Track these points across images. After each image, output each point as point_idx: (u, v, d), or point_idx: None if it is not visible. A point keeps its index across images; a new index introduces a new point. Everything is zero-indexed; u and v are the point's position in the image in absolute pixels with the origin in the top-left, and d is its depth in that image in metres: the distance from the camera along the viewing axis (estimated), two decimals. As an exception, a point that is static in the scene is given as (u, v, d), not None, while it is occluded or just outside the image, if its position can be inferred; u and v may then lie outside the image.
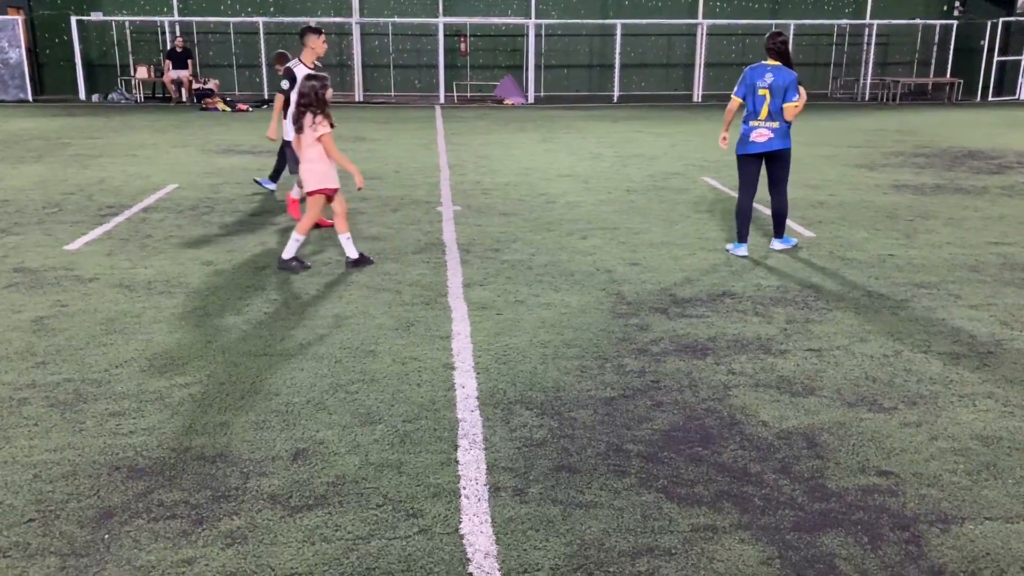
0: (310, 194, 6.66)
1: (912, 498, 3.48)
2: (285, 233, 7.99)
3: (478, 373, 4.73)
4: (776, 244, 7.55)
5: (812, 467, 3.73)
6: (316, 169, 6.58)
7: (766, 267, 6.94)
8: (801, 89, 7.05)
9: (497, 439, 3.96)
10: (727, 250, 7.43)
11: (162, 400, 4.37)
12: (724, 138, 7.41)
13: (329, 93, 6.64)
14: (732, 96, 7.23)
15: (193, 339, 5.24)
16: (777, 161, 7.20)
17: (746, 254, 7.31)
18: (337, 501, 3.43)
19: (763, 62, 7.12)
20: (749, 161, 7.18)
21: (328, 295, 6.12)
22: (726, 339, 5.30)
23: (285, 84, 8.38)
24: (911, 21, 26.07)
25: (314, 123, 6.52)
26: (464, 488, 3.52)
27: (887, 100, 24.39)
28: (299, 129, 6.59)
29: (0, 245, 7.53)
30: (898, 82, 24.36)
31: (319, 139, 6.54)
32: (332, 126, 6.64)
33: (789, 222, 8.53)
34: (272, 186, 9.86)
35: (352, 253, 6.85)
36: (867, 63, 25.44)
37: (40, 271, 6.72)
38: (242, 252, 7.33)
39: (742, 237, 7.33)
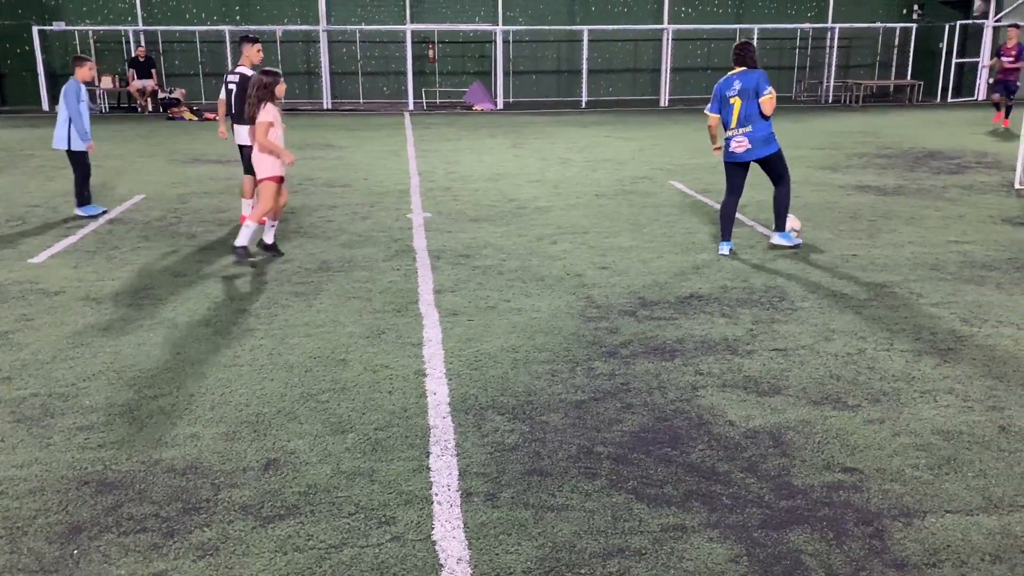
0: (261, 181, 7.15)
1: (876, 493, 3.56)
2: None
3: (449, 379, 4.76)
4: (776, 239, 7.73)
5: (778, 465, 3.80)
6: (266, 158, 7.07)
7: (732, 269, 7.04)
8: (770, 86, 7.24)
9: (469, 445, 3.98)
10: (778, 244, 7.71)
11: (131, 413, 4.34)
12: (717, 148, 7.65)
13: (280, 88, 7.12)
14: (708, 114, 7.49)
15: (162, 351, 5.21)
16: (767, 165, 7.45)
17: (727, 253, 7.49)
18: (309, 510, 3.43)
19: (729, 73, 7.33)
20: (732, 168, 7.46)
21: (298, 304, 6.11)
22: (693, 341, 5.37)
23: (228, 88, 8.60)
24: (872, 25, 26.51)
25: (261, 111, 7.00)
26: (436, 494, 3.55)
27: (850, 102, 24.78)
28: (253, 121, 7.07)
29: (-38, 259, 7.43)
30: (860, 84, 24.75)
31: (258, 126, 6.99)
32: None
33: (754, 224, 8.66)
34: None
35: (268, 239, 7.46)
36: (830, 66, 25.82)
37: (4, 285, 6.64)
38: (210, 262, 7.29)
39: (725, 236, 7.55)
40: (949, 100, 25.15)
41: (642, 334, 5.49)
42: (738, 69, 7.29)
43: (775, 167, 7.46)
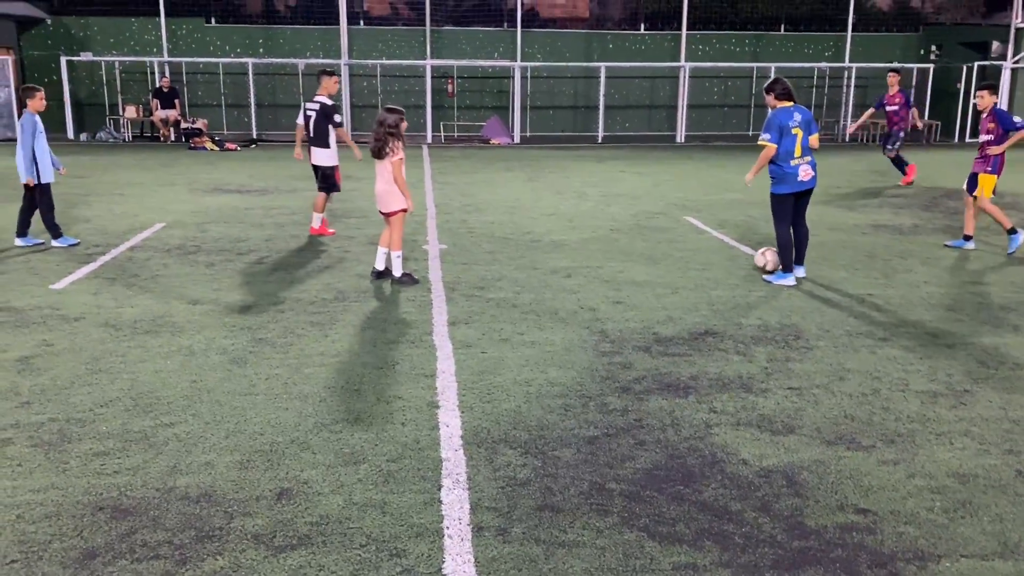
0: (394, 213, 7.53)
1: (890, 536, 3.53)
2: (274, 272, 8.03)
3: (462, 412, 4.77)
4: (800, 272, 7.91)
5: (791, 505, 3.78)
6: (397, 193, 7.49)
7: (747, 306, 7.04)
8: None
9: (481, 478, 3.99)
10: (769, 281, 7.82)
11: (147, 439, 4.38)
12: (750, 179, 7.82)
13: (404, 125, 7.57)
14: (766, 143, 7.53)
15: (178, 378, 5.25)
16: (808, 195, 7.80)
17: (795, 282, 7.76)
18: (321, 541, 3.44)
19: (783, 105, 7.60)
20: (793, 197, 7.67)
21: (314, 333, 6.16)
22: (708, 378, 5.37)
23: (337, 118, 9.95)
24: (889, 65, 26.62)
25: (392, 150, 7.39)
26: (447, 528, 3.55)
27: (867, 141, 24.82)
28: (379, 155, 7.44)
29: (-15, 284, 7.54)
30: (877, 124, 24.80)
31: (394, 164, 7.38)
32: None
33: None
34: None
35: (380, 266, 7.76)
36: (847, 105, 25.92)
37: (26, 310, 6.73)
38: (228, 291, 7.36)
39: (789, 268, 7.81)
40: (967, 140, 25.15)
41: (656, 370, 5.49)
42: (789, 103, 7.63)
43: (808, 199, 7.83)
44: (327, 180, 9.94)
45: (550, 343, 6.01)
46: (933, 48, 27.46)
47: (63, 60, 22.95)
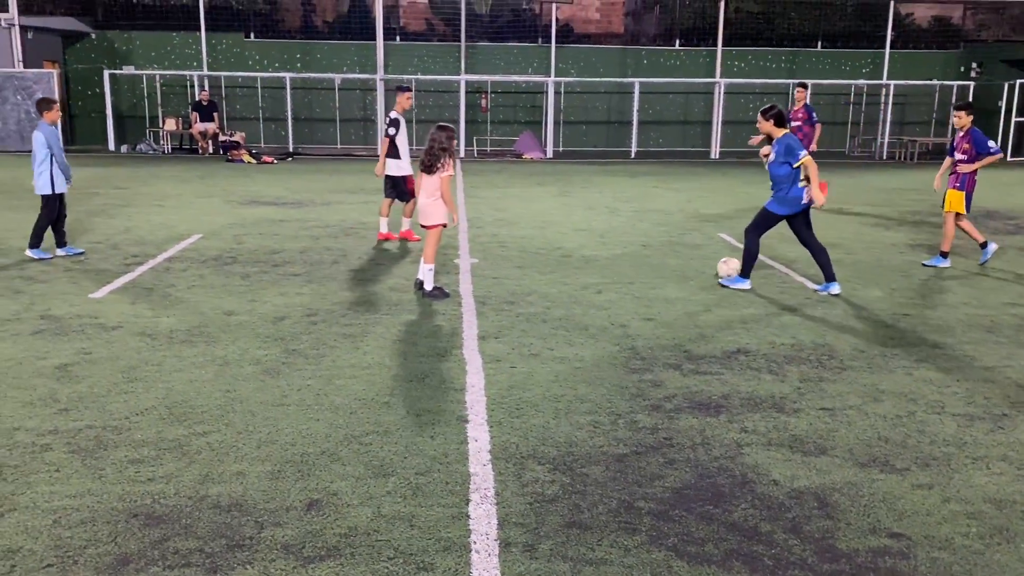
0: (433, 227, 7.66)
1: (923, 561, 3.47)
2: (307, 284, 8.12)
3: (491, 427, 4.78)
4: (835, 288, 8.06)
5: (823, 527, 3.73)
6: (441, 207, 7.62)
7: (780, 325, 6.98)
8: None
9: (509, 493, 3.99)
10: (818, 290, 8.11)
11: (180, 448, 4.44)
12: (821, 200, 8.04)
13: (455, 143, 7.80)
14: (806, 159, 7.73)
15: (212, 388, 5.32)
16: (807, 213, 8.07)
17: (839, 291, 8.04)
18: (349, 552, 3.46)
19: (783, 132, 7.95)
20: (781, 219, 8.06)
21: (346, 345, 6.21)
22: (739, 397, 5.32)
23: (392, 131, 10.44)
24: (928, 82, 26.33)
25: (443, 165, 7.52)
26: (475, 543, 3.55)
27: (905, 159, 24.52)
28: (430, 170, 7.55)
29: (28, 292, 7.71)
30: (916, 141, 24.52)
31: (442, 179, 7.53)
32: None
33: (803, 280, 8.59)
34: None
35: (428, 284, 7.75)
36: (885, 122, 25.64)
37: (65, 319, 6.87)
38: (262, 302, 7.45)
39: (747, 274, 8.19)
40: (1008, 159, 24.75)
41: (687, 388, 5.46)
42: (786, 130, 8.00)
43: (809, 216, 8.11)
44: (397, 188, 10.62)
45: (580, 359, 6.01)
46: (974, 65, 27.09)
47: (106, 74, 23.46)
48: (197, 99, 23.40)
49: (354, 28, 26.78)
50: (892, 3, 25.52)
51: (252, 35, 26.18)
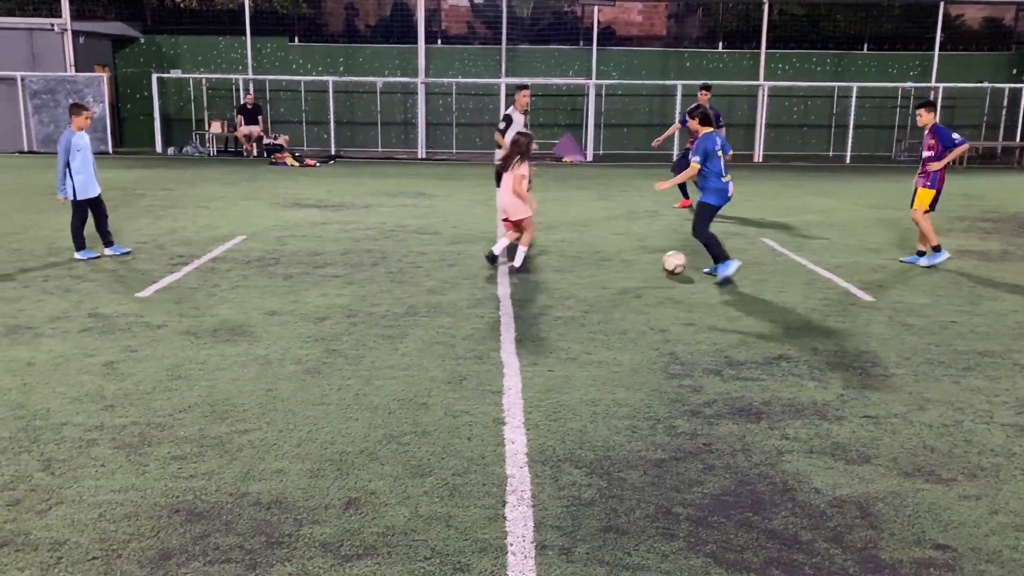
0: (522, 220, 8.73)
1: (970, 574, 3.39)
2: (348, 285, 8.20)
3: (528, 429, 4.77)
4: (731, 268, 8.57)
5: (865, 537, 3.66)
6: (520, 203, 8.73)
7: (823, 330, 6.87)
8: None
9: (545, 496, 3.98)
10: (714, 271, 8.55)
11: (222, 445, 4.50)
12: (664, 187, 8.97)
13: (533, 146, 8.91)
14: (697, 164, 8.55)
15: (254, 386, 5.40)
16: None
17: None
18: (386, 552, 3.48)
19: (705, 131, 8.62)
20: (717, 209, 8.76)
21: (385, 346, 6.25)
22: (780, 403, 5.25)
23: (502, 125, 10.71)
24: (978, 84, 25.76)
25: (515, 165, 8.66)
26: (511, 544, 3.55)
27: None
28: (507, 168, 8.71)
29: (77, 291, 7.89)
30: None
31: (514, 176, 8.59)
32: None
33: (848, 286, 8.46)
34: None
35: (517, 262, 8.72)
36: (932, 126, 25.10)
37: (113, 317, 7.01)
38: (304, 302, 7.54)
39: (728, 256, 8.59)
40: (1060, 163, 24.12)
41: (727, 394, 5.40)
42: (710, 129, 8.66)
43: None
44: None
45: (618, 363, 5.98)
46: (1026, 67, 26.45)
47: (154, 77, 23.94)
48: (242, 102, 23.77)
49: (396, 32, 27.01)
50: (942, 4, 25.02)
51: (296, 39, 26.54)
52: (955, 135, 9.47)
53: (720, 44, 27.50)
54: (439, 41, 27.02)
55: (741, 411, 5.11)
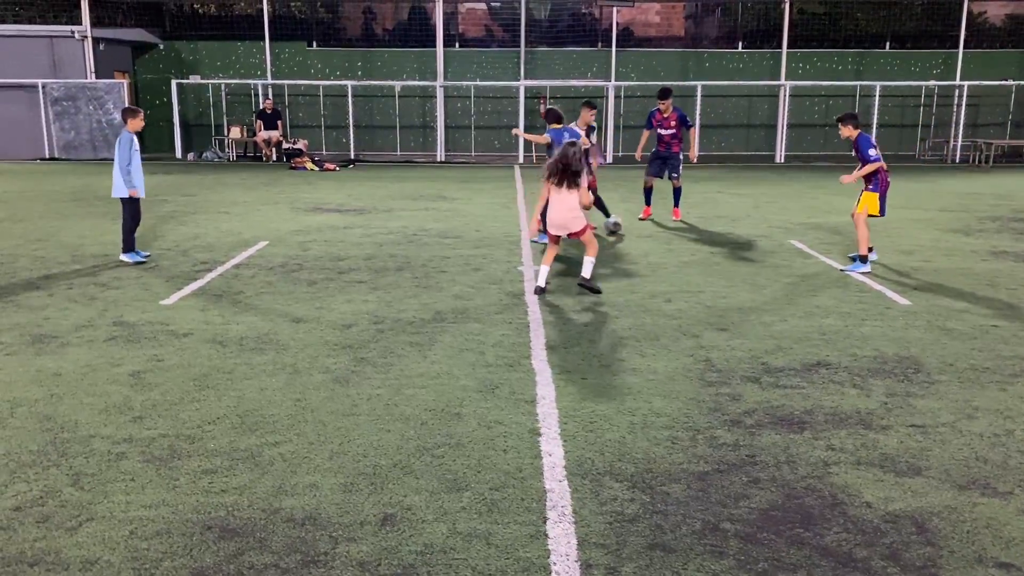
0: (582, 231, 7.94)
1: (1038, 595, 3.23)
2: (373, 291, 8.10)
3: (564, 441, 4.65)
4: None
5: (924, 555, 3.50)
6: (579, 213, 7.96)
7: (861, 336, 6.70)
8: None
9: (587, 512, 3.85)
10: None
11: (253, 458, 4.41)
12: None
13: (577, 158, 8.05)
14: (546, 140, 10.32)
15: (283, 397, 5.30)
16: None
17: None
18: (426, 571, 3.36)
19: (554, 127, 10.46)
20: None
21: (413, 354, 6.15)
22: (823, 412, 5.10)
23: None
24: (1004, 82, 25.40)
25: (573, 179, 7.88)
26: (555, 563, 3.42)
27: (979, 162, 23.67)
28: (559, 183, 7.86)
29: (102, 299, 7.84)
30: (991, 144, 23.65)
31: (580, 190, 7.91)
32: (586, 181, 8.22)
33: (882, 288, 8.27)
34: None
35: (587, 273, 8.02)
36: (957, 124, 24.80)
37: (138, 325, 6.95)
38: (329, 309, 7.45)
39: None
40: (1089, 161, 23.73)
41: (767, 403, 5.25)
42: (559, 125, 10.39)
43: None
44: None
45: (652, 371, 5.84)
46: (1052, 64, 26.05)
47: (174, 83, 24.00)
48: (261, 107, 23.80)
49: (414, 35, 26.97)
50: (966, 2, 24.68)
51: (314, 43, 26.56)
52: (871, 151, 9.03)
53: (740, 44, 27.28)
54: (457, 44, 26.96)
55: (783, 420, 4.96)
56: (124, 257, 9.49)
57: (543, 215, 8.43)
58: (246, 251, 10.18)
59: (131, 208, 9.45)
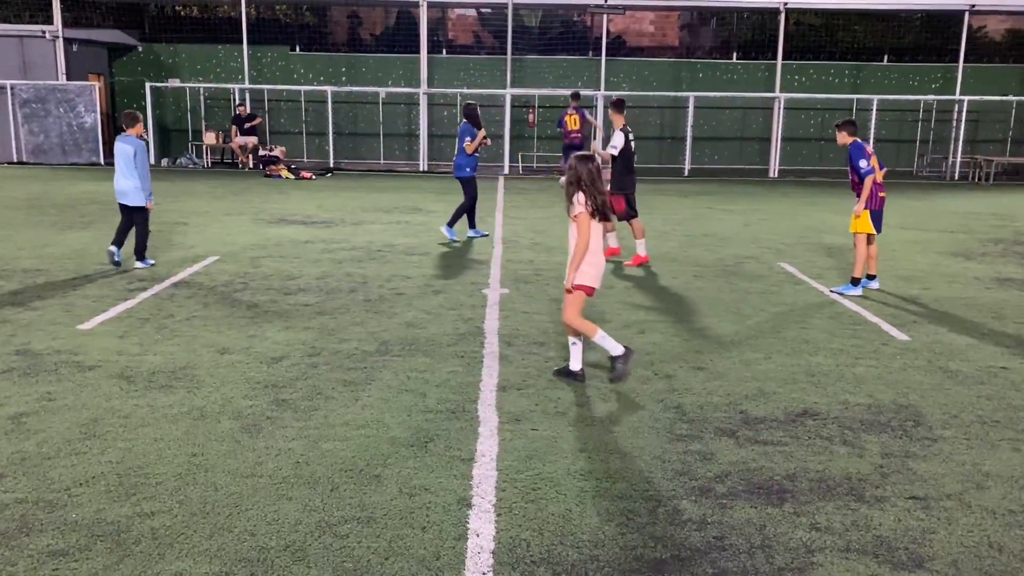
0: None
1: None
2: (317, 316, 7.33)
3: (499, 515, 3.88)
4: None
5: None
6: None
7: (853, 378, 5.95)
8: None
9: (509, 621, 3.09)
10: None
11: (117, 535, 3.63)
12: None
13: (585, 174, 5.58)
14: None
15: (177, 450, 4.53)
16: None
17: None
18: None
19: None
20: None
21: (344, 396, 5.38)
22: (808, 477, 4.34)
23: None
24: (1004, 98, 24.76)
25: (575, 201, 5.56)
26: None
27: (979, 180, 22.99)
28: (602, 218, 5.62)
29: (14, 322, 7.06)
30: (991, 161, 22.97)
31: (574, 217, 5.57)
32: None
33: (878, 321, 7.53)
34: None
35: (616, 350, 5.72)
36: (956, 140, 24.12)
37: (43, 355, 6.17)
38: (262, 338, 6.68)
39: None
40: (1091, 180, 23.08)
41: (743, 464, 4.49)
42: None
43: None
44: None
45: (615, 420, 5.08)
46: (1053, 80, 25.43)
47: (148, 87, 23.23)
48: (235, 112, 23.04)
49: (400, 41, 26.26)
50: (966, 15, 24.06)
51: (298, 48, 25.83)
52: (862, 162, 8.33)
53: (735, 55, 26.63)
54: (444, 51, 26.26)
55: (760, 488, 4.21)
56: (139, 264, 9.33)
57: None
58: (191, 267, 9.40)
59: (143, 216, 9.33)
